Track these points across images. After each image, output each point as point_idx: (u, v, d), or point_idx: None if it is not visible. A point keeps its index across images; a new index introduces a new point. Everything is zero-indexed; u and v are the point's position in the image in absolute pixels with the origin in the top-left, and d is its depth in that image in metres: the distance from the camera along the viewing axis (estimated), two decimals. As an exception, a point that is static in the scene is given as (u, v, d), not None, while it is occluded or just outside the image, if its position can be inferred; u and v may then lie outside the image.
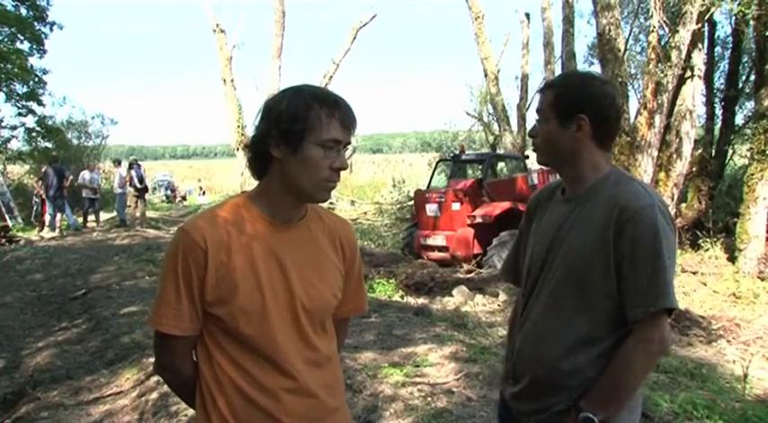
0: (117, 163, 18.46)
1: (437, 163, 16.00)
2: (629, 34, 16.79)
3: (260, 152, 1.61)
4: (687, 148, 12.22)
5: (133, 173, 16.35)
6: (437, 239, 11.86)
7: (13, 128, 20.08)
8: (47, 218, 16.12)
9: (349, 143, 1.63)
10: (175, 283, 1.58)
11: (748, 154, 11.52)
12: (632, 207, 1.70)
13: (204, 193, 33.61)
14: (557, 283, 1.81)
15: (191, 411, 2.09)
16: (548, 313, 1.84)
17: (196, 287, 1.58)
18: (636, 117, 11.83)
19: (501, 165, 14.46)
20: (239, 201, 1.68)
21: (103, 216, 18.84)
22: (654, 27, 11.82)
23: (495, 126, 22.84)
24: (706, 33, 13.54)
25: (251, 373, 1.61)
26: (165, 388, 4.05)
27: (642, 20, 16.39)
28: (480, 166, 13.31)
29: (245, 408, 1.61)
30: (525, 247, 2.01)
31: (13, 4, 18.45)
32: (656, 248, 1.67)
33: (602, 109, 1.81)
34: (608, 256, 1.71)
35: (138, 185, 16.36)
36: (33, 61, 19.30)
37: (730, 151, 15.68)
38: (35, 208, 17.86)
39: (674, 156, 12.14)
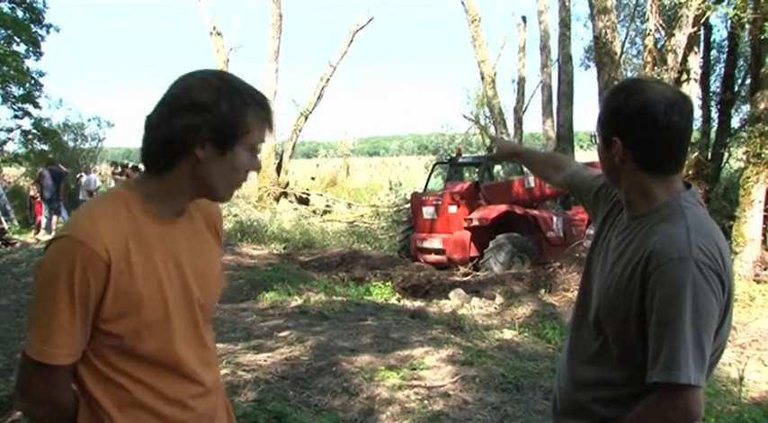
0: (114, 165, 18.45)
1: (434, 166, 16.01)
2: (626, 37, 16.78)
3: (176, 147, 1.44)
4: (683, 151, 12.24)
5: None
6: (434, 242, 11.85)
7: (9, 130, 19.99)
8: (42, 220, 16.07)
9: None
10: (70, 303, 1.35)
11: (744, 157, 11.51)
12: (660, 258, 1.49)
13: None
14: (592, 311, 1.69)
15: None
16: (581, 343, 1.76)
17: (92, 305, 1.38)
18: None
19: (497, 168, 14.45)
20: (124, 195, 1.49)
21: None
22: (650, 30, 11.86)
23: (492, 129, 22.88)
24: (702, 37, 13.60)
25: (153, 387, 1.48)
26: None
27: (638, 23, 16.43)
28: (477, 169, 13.32)
29: (151, 420, 1.49)
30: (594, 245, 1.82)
31: (10, 6, 18.43)
32: (677, 313, 1.45)
33: (635, 132, 1.60)
34: (630, 303, 1.54)
35: None
36: (30, 63, 19.26)
37: (726, 154, 15.69)
38: (28, 210, 17.87)
39: (671, 159, 12.16)
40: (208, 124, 1.42)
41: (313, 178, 27.65)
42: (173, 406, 1.51)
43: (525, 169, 13.58)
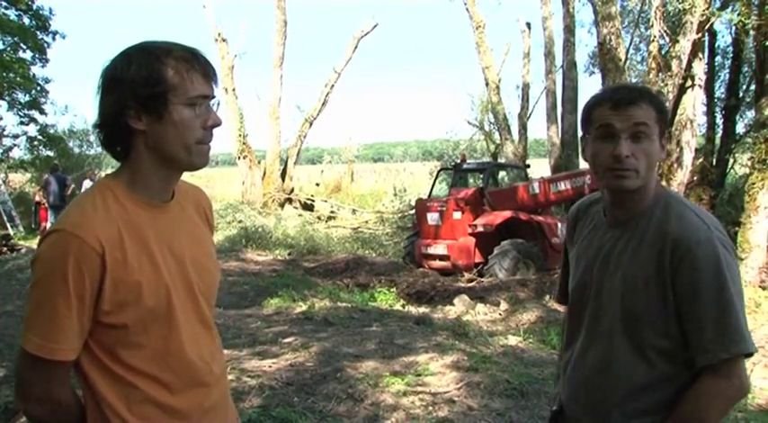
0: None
1: (438, 172, 16.05)
2: (630, 44, 16.83)
3: (117, 129, 1.43)
4: (688, 157, 12.24)
5: None
6: (438, 248, 11.85)
7: (15, 136, 20.19)
8: (47, 226, 16.13)
9: (214, 97, 1.49)
10: (66, 297, 1.33)
11: (749, 163, 11.52)
12: (687, 242, 1.53)
13: None
14: (611, 318, 1.65)
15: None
16: (602, 354, 1.68)
17: (89, 299, 1.35)
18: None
19: (502, 174, 14.48)
20: (109, 186, 1.46)
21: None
22: (654, 37, 11.86)
23: (497, 135, 22.89)
24: (706, 43, 13.60)
25: (161, 380, 1.46)
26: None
27: (643, 29, 16.45)
28: (481, 175, 13.33)
29: (161, 416, 1.47)
30: (569, 267, 1.86)
31: (16, 13, 18.56)
32: (721, 287, 1.50)
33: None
34: (665, 294, 1.55)
35: None
36: (35, 70, 19.42)
37: (731, 160, 15.71)
38: (33, 215, 17.95)
39: (675, 165, 12.15)
40: (128, 94, 1.39)
41: (317, 184, 27.70)
42: (181, 398, 1.48)
43: (529, 175, 13.61)
